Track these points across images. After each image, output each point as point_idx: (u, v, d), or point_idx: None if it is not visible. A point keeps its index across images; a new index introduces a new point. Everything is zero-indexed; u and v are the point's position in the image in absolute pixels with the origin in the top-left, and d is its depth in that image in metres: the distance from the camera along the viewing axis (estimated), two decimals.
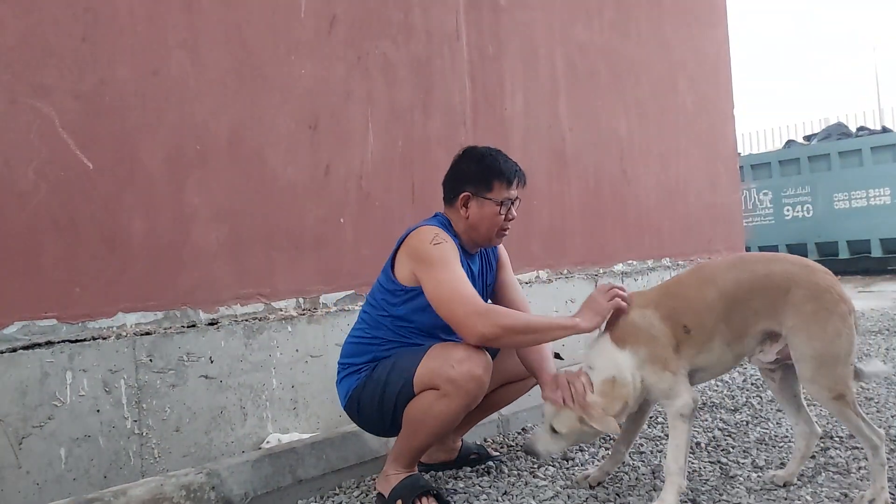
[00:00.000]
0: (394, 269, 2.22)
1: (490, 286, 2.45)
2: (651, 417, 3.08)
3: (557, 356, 3.34)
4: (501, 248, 2.51)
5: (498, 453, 2.67)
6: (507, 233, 2.32)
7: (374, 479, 2.46)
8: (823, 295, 1.93)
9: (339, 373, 2.32)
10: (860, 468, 2.33)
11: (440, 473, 2.50)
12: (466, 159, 2.30)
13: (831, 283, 1.97)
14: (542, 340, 2.14)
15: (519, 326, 2.04)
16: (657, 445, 2.71)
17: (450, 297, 2.02)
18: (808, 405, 2.23)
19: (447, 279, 2.05)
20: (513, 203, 2.27)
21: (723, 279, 2.03)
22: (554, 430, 2.11)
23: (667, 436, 2.79)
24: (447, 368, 2.01)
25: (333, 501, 2.31)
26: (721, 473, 2.36)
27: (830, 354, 1.92)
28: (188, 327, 2.65)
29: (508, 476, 2.44)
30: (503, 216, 2.25)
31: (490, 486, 2.34)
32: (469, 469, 2.52)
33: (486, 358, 2.07)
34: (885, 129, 10.86)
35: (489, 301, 2.43)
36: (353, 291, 3.20)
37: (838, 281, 2.01)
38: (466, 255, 2.32)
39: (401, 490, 2.14)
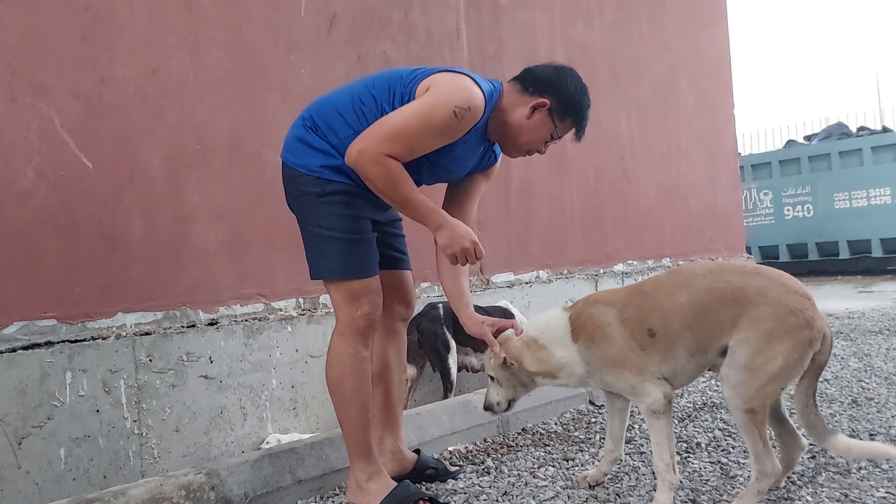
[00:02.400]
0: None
1: (467, 174, 2.32)
2: None
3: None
4: (500, 159, 2.40)
5: (458, 467, 2.52)
6: (526, 154, 2.26)
7: None
8: (788, 317, 1.90)
9: (307, 126, 2.12)
10: (860, 468, 2.33)
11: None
12: (573, 80, 2.18)
13: (802, 307, 1.92)
14: (402, 213, 2.10)
15: (392, 191, 1.97)
16: None
17: (387, 123, 1.96)
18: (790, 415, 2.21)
19: (406, 119, 1.96)
20: (555, 141, 2.24)
21: (696, 285, 1.99)
22: (491, 378, 2.17)
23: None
24: (351, 308, 2.07)
25: (333, 502, 2.30)
26: (721, 473, 2.36)
27: (765, 371, 1.89)
28: (188, 327, 2.65)
29: (508, 476, 2.44)
30: (544, 144, 2.21)
31: (490, 487, 2.33)
32: (469, 469, 2.51)
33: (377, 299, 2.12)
34: (885, 129, 10.85)
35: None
36: None
37: (814, 305, 1.96)
38: (482, 139, 2.21)
39: (391, 501, 2.04)
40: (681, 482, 2.28)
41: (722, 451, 2.60)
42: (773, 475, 1.94)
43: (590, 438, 2.85)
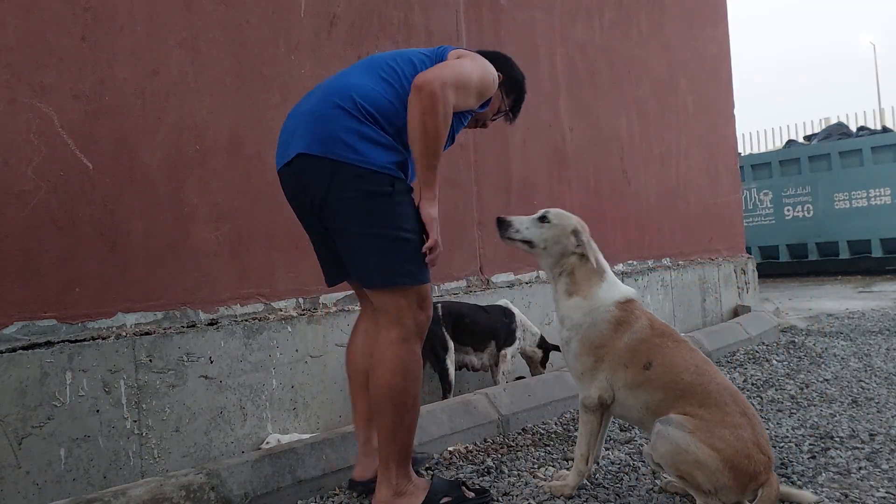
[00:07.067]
0: None
1: None
2: None
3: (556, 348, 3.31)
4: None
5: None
6: (475, 126, 2.41)
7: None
8: (740, 458, 1.88)
9: (359, 118, 1.95)
10: (860, 468, 2.33)
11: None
12: (516, 66, 2.40)
13: (759, 461, 1.90)
14: (424, 166, 1.99)
15: (439, 139, 1.95)
16: None
17: (458, 67, 2.02)
18: None
19: (470, 72, 2.03)
20: (496, 119, 2.42)
21: (701, 381, 2.03)
22: (544, 219, 2.32)
23: None
24: (419, 312, 2.03)
25: (333, 502, 2.30)
26: None
27: (693, 454, 1.91)
28: (188, 327, 2.65)
29: (508, 476, 2.44)
30: (488, 117, 2.37)
31: (490, 486, 2.33)
32: (469, 469, 2.51)
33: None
34: (885, 129, 10.87)
35: None
36: (352, 292, 3.19)
37: (769, 469, 1.93)
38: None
39: (436, 494, 2.05)
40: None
41: None
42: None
43: None
